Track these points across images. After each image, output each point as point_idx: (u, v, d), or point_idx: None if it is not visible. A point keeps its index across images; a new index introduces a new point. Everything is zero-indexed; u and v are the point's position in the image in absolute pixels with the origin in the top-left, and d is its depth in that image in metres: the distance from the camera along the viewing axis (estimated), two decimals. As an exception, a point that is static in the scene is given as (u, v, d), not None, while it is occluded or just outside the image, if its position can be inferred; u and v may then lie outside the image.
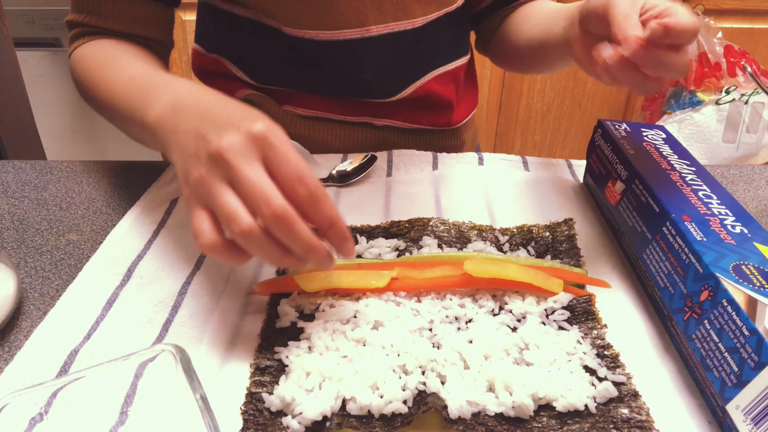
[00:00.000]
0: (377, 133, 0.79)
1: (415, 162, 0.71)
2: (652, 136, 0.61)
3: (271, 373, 0.42)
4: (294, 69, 0.74)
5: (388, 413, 0.38)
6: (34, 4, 1.75)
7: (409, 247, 0.54)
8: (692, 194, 0.50)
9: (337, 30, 0.68)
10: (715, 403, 0.39)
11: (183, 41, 1.83)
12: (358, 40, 0.69)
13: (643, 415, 0.38)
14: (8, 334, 0.46)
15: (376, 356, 0.42)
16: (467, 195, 0.65)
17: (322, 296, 0.48)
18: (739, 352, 0.36)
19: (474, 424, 0.37)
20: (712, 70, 1.74)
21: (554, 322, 0.46)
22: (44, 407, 0.37)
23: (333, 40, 0.69)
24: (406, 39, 0.72)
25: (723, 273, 0.40)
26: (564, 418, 0.39)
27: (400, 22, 0.70)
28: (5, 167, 0.71)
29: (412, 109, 0.78)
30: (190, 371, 0.35)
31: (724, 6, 1.79)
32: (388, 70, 0.73)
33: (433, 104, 0.79)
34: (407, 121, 0.79)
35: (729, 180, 0.72)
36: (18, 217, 0.61)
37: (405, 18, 0.70)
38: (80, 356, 0.43)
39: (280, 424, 0.38)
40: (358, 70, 0.72)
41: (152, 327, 0.46)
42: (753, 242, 0.44)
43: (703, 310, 0.41)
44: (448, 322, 0.46)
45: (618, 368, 0.42)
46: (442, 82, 0.78)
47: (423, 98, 0.77)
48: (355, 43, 0.70)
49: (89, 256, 0.55)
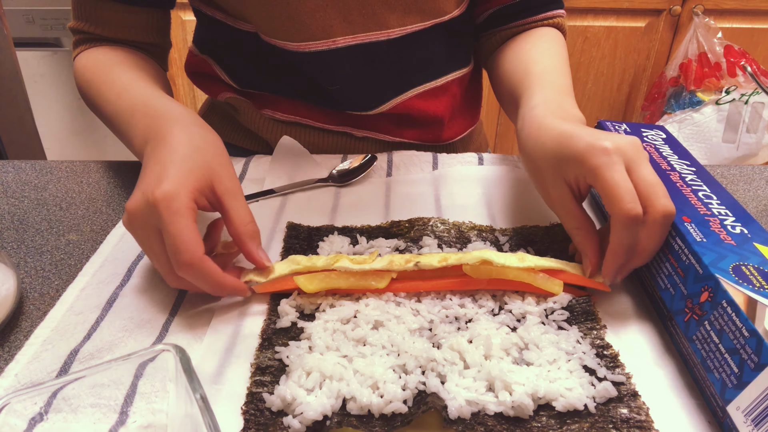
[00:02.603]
0: (358, 144, 0.76)
1: (415, 162, 0.71)
2: (652, 137, 0.61)
3: (271, 372, 0.42)
4: (271, 74, 0.73)
5: (388, 413, 0.38)
6: (34, 4, 1.75)
7: (409, 247, 0.54)
8: (692, 195, 0.50)
9: (303, 41, 0.66)
10: (715, 404, 0.39)
11: (183, 41, 1.83)
12: (325, 51, 0.67)
13: (642, 415, 0.38)
14: (8, 334, 0.46)
15: (376, 356, 0.42)
16: (467, 195, 0.65)
17: (322, 296, 0.48)
18: (739, 353, 0.36)
19: (473, 423, 0.37)
20: (712, 70, 1.74)
21: (554, 322, 0.46)
22: (44, 407, 0.37)
23: (300, 51, 0.67)
24: (380, 51, 0.68)
25: (723, 274, 0.40)
26: (563, 417, 0.39)
27: (371, 33, 0.67)
28: (5, 167, 0.71)
29: (394, 124, 0.75)
30: (190, 371, 0.34)
31: (724, 6, 1.79)
32: (361, 83, 0.70)
33: (418, 120, 0.75)
34: (389, 134, 0.76)
35: (729, 180, 0.72)
36: (18, 217, 0.61)
37: (376, 29, 0.67)
38: (80, 356, 0.43)
39: (281, 424, 0.38)
40: (326, 81, 0.70)
41: (152, 327, 0.46)
42: (753, 242, 0.44)
43: (704, 311, 0.41)
44: (448, 322, 0.46)
45: (617, 368, 0.42)
46: (428, 98, 0.73)
47: (405, 114, 0.74)
48: (323, 54, 0.67)
49: (89, 256, 0.55)
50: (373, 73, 0.70)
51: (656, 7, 1.79)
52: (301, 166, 0.69)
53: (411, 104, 0.73)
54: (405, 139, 0.76)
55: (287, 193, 0.65)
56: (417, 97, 0.73)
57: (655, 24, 1.83)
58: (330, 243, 0.55)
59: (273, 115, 0.75)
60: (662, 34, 1.85)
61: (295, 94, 0.73)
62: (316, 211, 0.62)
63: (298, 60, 0.68)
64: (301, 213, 0.61)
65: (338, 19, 0.65)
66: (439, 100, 0.75)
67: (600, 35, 1.83)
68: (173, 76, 1.89)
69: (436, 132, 0.77)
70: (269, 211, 0.62)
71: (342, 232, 0.57)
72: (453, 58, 0.75)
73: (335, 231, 0.57)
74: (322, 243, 0.55)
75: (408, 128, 0.76)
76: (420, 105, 0.73)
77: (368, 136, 0.75)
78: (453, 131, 0.80)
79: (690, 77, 1.76)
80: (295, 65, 0.69)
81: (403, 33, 0.68)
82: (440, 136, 0.78)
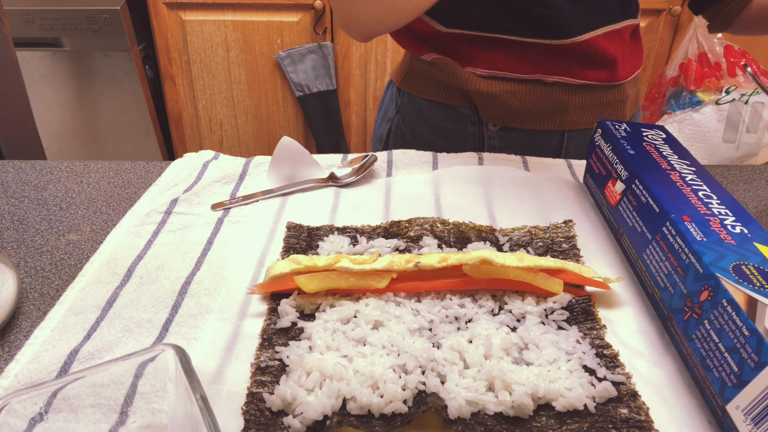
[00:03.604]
0: (548, 90, 0.81)
1: (415, 162, 0.71)
2: (652, 136, 0.61)
3: (271, 372, 0.42)
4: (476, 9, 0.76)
5: (388, 413, 0.39)
6: (34, 4, 1.75)
7: (409, 247, 0.54)
8: (692, 194, 0.50)
9: None
10: (715, 403, 0.39)
11: (183, 41, 1.83)
12: None
13: (642, 415, 0.38)
14: (8, 334, 0.46)
15: (376, 356, 0.42)
16: (467, 195, 0.65)
17: (322, 296, 0.48)
18: (739, 353, 0.36)
19: (473, 423, 0.37)
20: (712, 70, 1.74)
21: (554, 322, 0.46)
22: (44, 407, 0.37)
23: None
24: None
25: (723, 273, 0.40)
26: (563, 417, 0.39)
27: None
28: (5, 167, 0.71)
29: (578, 63, 0.80)
30: (190, 371, 0.34)
31: (724, 6, 1.78)
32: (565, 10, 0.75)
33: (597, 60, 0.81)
34: (575, 77, 0.81)
35: (729, 180, 0.72)
36: (18, 217, 0.61)
37: None
38: (80, 356, 0.43)
39: (281, 424, 0.38)
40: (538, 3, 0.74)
41: (152, 327, 0.46)
42: (753, 242, 0.44)
43: (703, 310, 0.41)
44: (448, 322, 0.46)
45: (617, 368, 0.42)
46: (610, 38, 0.79)
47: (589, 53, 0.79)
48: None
49: (89, 256, 0.55)
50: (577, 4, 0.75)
51: (656, 7, 1.79)
52: (301, 166, 0.69)
53: (596, 42, 0.78)
54: (588, 80, 0.82)
55: (287, 193, 0.65)
56: (602, 36, 0.78)
57: (655, 24, 1.83)
58: (330, 243, 0.55)
59: (474, 71, 0.80)
60: (662, 34, 1.85)
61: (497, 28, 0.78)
62: (316, 211, 0.62)
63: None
64: (301, 213, 0.61)
65: None
66: (615, 43, 0.81)
67: (600, 35, 1.83)
68: (173, 76, 1.89)
69: (612, 72, 0.83)
70: (269, 211, 0.62)
71: (342, 232, 0.57)
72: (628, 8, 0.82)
73: (335, 231, 0.57)
74: (322, 243, 0.55)
75: (590, 69, 0.81)
76: (604, 43, 0.79)
77: (557, 81, 0.81)
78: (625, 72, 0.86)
79: (690, 77, 1.76)
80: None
81: None
82: (616, 75, 0.84)
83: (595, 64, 0.81)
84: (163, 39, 1.83)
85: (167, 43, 1.84)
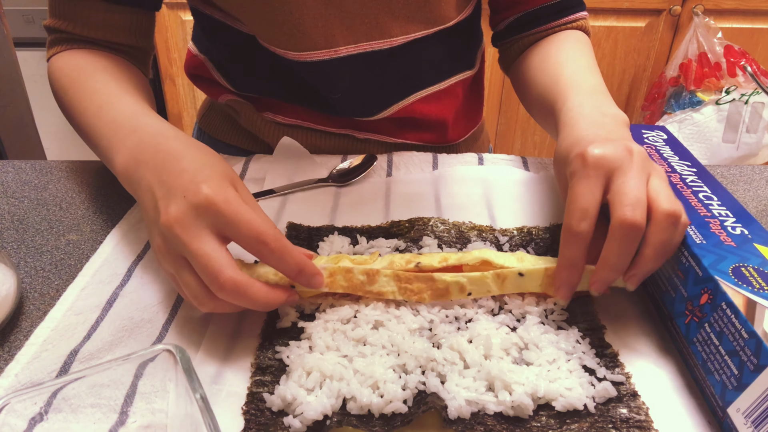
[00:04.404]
0: (360, 145, 0.76)
1: (415, 162, 0.71)
2: (653, 138, 0.61)
3: (272, 372, 0.42)
4: (270, 80, 0.71)
5: (388, 413, 0.39)
6: (34, 4, 1.75)
7: (409, 247, 0.54)
8: (692, 196, 0.50)
9: (304, 51, 0.65)
10: (715, 404, 0.39)
11: (183, 41, 1.83)
12: (326, 61, 0.66)
13: (642, 415, 0.38)
14: (8, 334, 0.46)
15: (376, 356, 0.42)
16: (467, 195, 0.65)
17: (322, 296, 0.48)
18: (739, 355, 0.36)
19: (473, 423, 0.37)
20: (712, 70, 1.74)
21: (553, 322, 0.46)
22: (44, 407, 0.37)
23: (301, 60, 0.66)
24: (381, 59, 0.68)
25: (722, 276, 0.40)
26: (563, 417, 0.39)
27: (374, 42, 0.66)
28: (5, 167, 0.71)
29: (397, 127, 0.74)
30: (190, 371, 0.35)
31: (724, 6, 1.79)
32: (363, 90, 0.70)
33: (422, 123, 0.74)
34: (392, 136, 0.75)
35: (729, 180, 0.72)
36: (18, 217, 0.61)
37: (379, 38, 0.66)
38: (80, 356, 0.43)
39: (282, 424, 0.38)
40: (328, 90, 0.69)
41: (152, 327, 0.46)
42: (753, 243, 0.44)
43: (704, 313, 0.41)
44: (448, 322, 0.46)
45: (617, 368, 0.42)
46: (431, 101, 0.73)
47: (409, 118, 0.73)
48: (324, 64, 0.66)
49: (89, 256, 0.55)
50: (375, 81, 0.69)
51: (656, 7, 1.79)
52: (301, 166, 0.69)
53: (414, 108, 0.72)
54: (409, 141, 0.76)
55: (287, 193, 0.65)
56: (420, 101, 0.72)
57: (655, 24, 1.83)
58: (330, 243, 0.55)
59: (274, 118, 0.74)
60: (662, 34, 1.85)
61: (296, 100, 0.73)
62: (316, 211, 0.62)
63: (298, 68, 0.67)
64: (301, 213, 0.61)
65: (340, 28, 0.65)
66: (442, 103, 0.74)
67: (600, 35, 1.83)
68: (173, 76, 1.89)
69: (440, 134, 0.76)
70: (269, 211, 0.62)
71: (342, 232, 0.57)
72: (457, 62, 0.74)
73: (335, 231, 0.57)
74: (322, 243, 0.55)
75: (411, 131, 0.75)
76: (423, 109, 0.73)
77: (370, 138, 0.75)
78: (457, 133, 0.79)
79: (690, 77, 1.76)
80: (296, 73, 0.68)
81: (406, 40, 0.67)
82: (444, 137, 0.77)
83: (417, 128, 0.74)
84: (163, 39, 1.83)
85: (167, 43, 1.84)
